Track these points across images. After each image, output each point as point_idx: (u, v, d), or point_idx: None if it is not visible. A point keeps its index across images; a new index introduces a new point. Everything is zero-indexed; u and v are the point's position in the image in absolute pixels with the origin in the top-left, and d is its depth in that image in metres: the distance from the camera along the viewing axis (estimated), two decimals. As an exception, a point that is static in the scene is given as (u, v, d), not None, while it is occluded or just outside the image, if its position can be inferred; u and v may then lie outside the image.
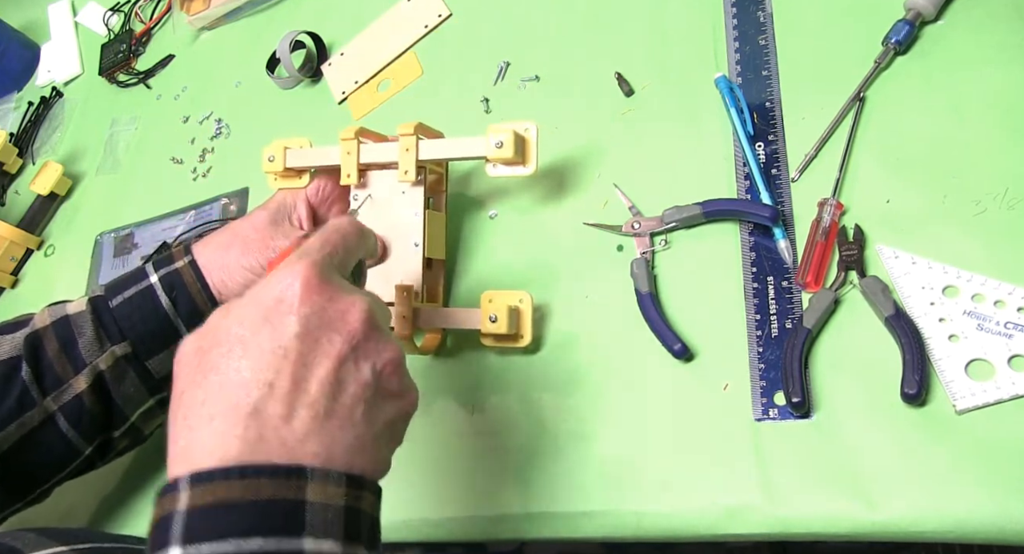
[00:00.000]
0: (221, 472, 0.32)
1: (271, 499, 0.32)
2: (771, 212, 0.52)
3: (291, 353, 0.34)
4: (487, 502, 0.53)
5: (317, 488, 0.33)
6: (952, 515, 0.42)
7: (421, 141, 0.58)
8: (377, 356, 0.37)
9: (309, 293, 0.36)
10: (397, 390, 0.38)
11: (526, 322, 0.55)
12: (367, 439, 0.36)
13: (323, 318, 0.36)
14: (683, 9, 0.65)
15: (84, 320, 0.55)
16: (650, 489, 0.49)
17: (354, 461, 0.35)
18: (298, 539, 0.31)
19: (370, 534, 0.35)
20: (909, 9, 0.55)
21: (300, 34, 0.83)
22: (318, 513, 0.32)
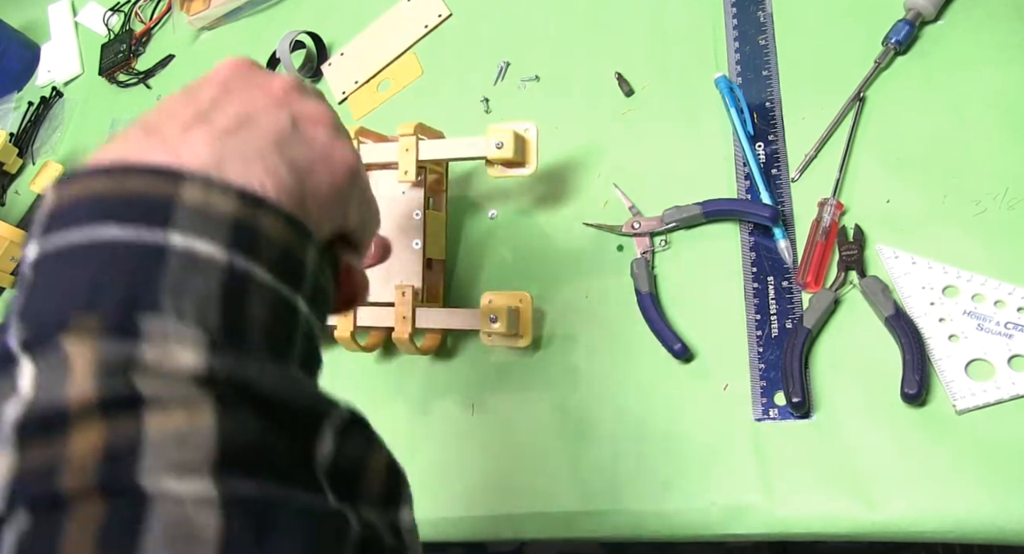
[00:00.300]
0: (88, 171, 0.29)
1: (136, 191, 0.28)
2: (771, 212, 0.52)
3: (203, 97, 0.32)
4: (487, 502, 0.53)
5: (195, 190, 0.28)
6: (952, 515, 0.42)
7: (421, 141, 0.58)
8: (300, 108, 0.35)
9: (235, 64, 0.35)
10: (321, 141, 0.34)
11: (526, 322, 0.55)
12: (276, 166, 0.31)
13: (245, 78, 0.34)
14: (683, 9, 0.65)
15: None
16: (650, 489, 0.49)
17: (253, 180, 0.30)
18: (161, 231, 0.27)
19: (282, 262, 0.30)
20: (909, 9, 0.55)
21: (300, 34, 0.83)
22: (192, 213, 0.28)
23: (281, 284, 0.29)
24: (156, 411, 0.24)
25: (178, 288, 0.26)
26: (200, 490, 0.23)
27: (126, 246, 0.27)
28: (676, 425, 0.50)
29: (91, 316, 0.25)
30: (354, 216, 0.37)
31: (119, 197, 0.28)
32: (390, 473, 0.31)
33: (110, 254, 0.27)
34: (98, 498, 0.23)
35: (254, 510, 0.24)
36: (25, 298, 0.27)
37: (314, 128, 0.35)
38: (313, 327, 0.32)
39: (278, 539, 0.24)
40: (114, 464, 0.23)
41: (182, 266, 0.27)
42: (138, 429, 0.24)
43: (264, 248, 0.29)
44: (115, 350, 0.25)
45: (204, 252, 0.27)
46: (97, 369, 0.24)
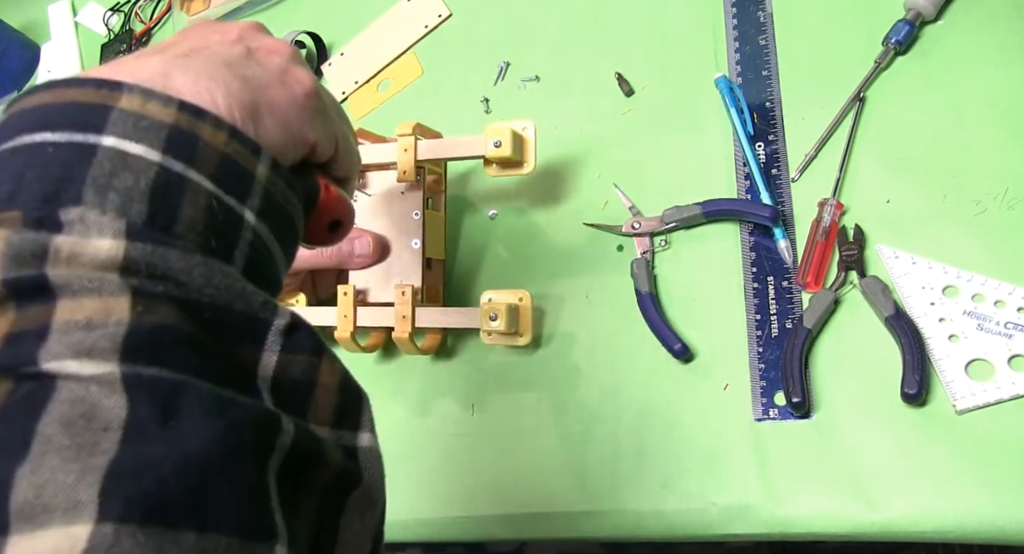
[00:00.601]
0: (36, 87, 0.28)
1: (72, 100, 0.27)
2: (771, 212, 0.52)
3: (163, 42, 0.34)
4: (487, 502, 0.53)
5: (133, 100, 0.28)
6: (952, 515, 0.42)
7: (419, 141, 0.57)
8: (256, 41, 0.35)
9: (202, 22, 0.36)
10: (276, 68, 0.34)
11: (526, 320, 0.55)
12: (225, 82, 0.31)
13: (204, 26, 0.35)
14: (683, 9, 0.65)
15: None
16: (650, 489, 0.49)
17: (199, 95, 0.29)
18: (95, 135, 0.27)
19: (222, 170, 0.29)
20: (909, 9, 0.55)
21: (300, 34, 0.83)
22: (128, 118, 0.27)
23: (222, 192, 0.28)
24: (66, 298, 0.24)
25: (103, 183, 0.26)
26: (103, 372, 0.23)
27: (55, 145, 0.26)
28: (676, 425, 0.50)
29: (12, 210, 0.25)
30: (321, 138, 0.36)
31: (57, 105, 0.27)
32: (344, 391, 0.29)
33: (38, 153, 0.26)
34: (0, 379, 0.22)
35: (160, 393, 0.23)
36: None
37: (268, 56, 0.35)
38: (266, 242, 0.31)
39: (180, 427, 0.23)
40: (18, 346, 0.23)
41: (110, 162, 0.26)
42: (47, 314, 0.23)
43: (204, 156, 0.28)
44: (29, 240, 0.24)
45: (135, 152, 0.27)
46: (9, 257, 0.24)
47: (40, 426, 0.21)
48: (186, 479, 0.22)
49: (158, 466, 0.21)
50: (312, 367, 0.28)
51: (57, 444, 0.21)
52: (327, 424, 0.28)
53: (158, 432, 0.22)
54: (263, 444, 0.24)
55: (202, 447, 0.22)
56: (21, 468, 0.21)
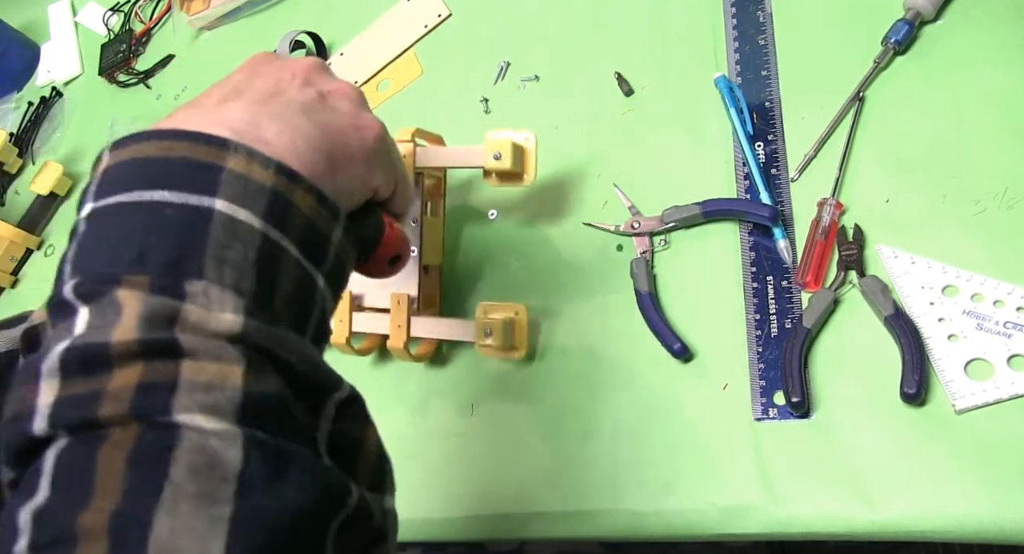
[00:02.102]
0: (139, 135, 0.31)
1: (185, 157, 0.30)
2: (771, 212, 0.52)
3: (235, 78, 0.36)
4: (487, 502, 0.53)
5: (239, 160, 0.30)
6: (952, 515, 0.42)
7: (419, 148, 0.57)
8: (325, 84, 0.37)
9: (263, 55, 0.38)
10: (347, 113, 0.37)
11: (521, 335, 0.55)
12: (307, 133, 0.34)
13: (271, 63, 0.37)
14: (683, 9, 0.65)
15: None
16: (650, 489, 0.49)
17: (287, 150, 0.32)
18: (209, 198, 0.29)
19: (306, 237, 0.32)
20: (908, 9, 0.55)
21: (300, 34, 0.83)
22: (236, 181, 0.30)
23: (306, 260, 0.32)
24: (191, 360, 0.26)
25: (220, 255, 0.29)
26: (224, 429, 0.25)
27: (174, 208, 0.29)
28: (676, 425, 0.50)
29: (142, 274, 0.28)
30: (386, 180, 0.39)
31: (168, 161, 0.30)
32: (381, 458, 0.32)
33: (159, 215, 0.29)
34: (132, 425, 0.25)
35: (271, 454, 0.26)
36: (76, 251, 0.29)
37: (339, 100, 0.37)
38: (326, 303, 0.34)
39: (287, 486, 0.26)
40: (149, 397, 0.25)
41: (224, 230, 0.29)
42: (174, 372, 0.26)
43: (294, 223, 0.31)
44: (162, 305, 0.27)
45: (243, 219, 0.30)
46: (144, 319, 0.27)
47: (172, 472, 0.24)
48: (290, 532, 0.25)
49: (271, 520, 0.25)
50: (360, 435, 0.31)
51: (186, 491, 0.24)
52: (367, 486, 0.30)
53: (269, 487, 0.25)
54: (341, 503, 0.28)
55: (303, 504, 0.26)
56: (157, 510, 0.23)
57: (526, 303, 0.56)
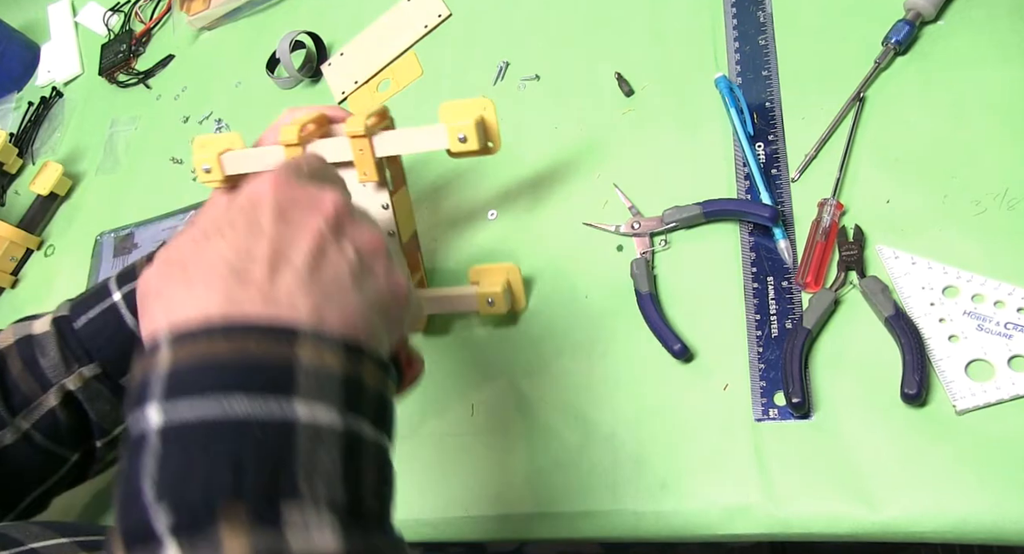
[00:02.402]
0: (204, 330, 0.30)
1: (258, 356, 0.30)
2: (771, 212, 0.52)
3: (268, 230, 0.34)
4: (487, 502, 0.53)
5: (309, 349, 0.31)
6: (952, 515, 0.42)
7: (375, 137, 0.52)
8: (358, 237, 0.36)
9: (279, 186, 0.36)
10: (383, 273, 0.37)
11: (519, 293, 0.57)
12: (360, 307, 0.34)
13: (296, 203, 0.36)
14: (683, 9, 0.65)
15: (48, 341, 0.54)
16: (650, 489, 0.49)
17: (348, 326, 0.32)
18: (287, 399, 0.29)
19: (378, 410, 0.33)
20: (909, 9, 0.55)
21: (300, 34, 0.83)
22: (311, 376, 0.30)
23: (378, 433, 0.33)
24: None
25: (309, 468, 0.29)
26: None
27: (260, 425, 0.29)
28: (676, 425, 0.50)
29: (238, 504, 0.27)
30: (410, 324, 0.40)
31: (241, 363, 0.30)
32: None
33: (246, 434, 0.29)
34: None
35: None
36: (159, 472, 0.28)
37: (374, 259, 0.37)
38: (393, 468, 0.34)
39: None
40: None
41: (310, 440, 0.29)
42: None
43: (368, 401, 0.32)
44: (265, 541, 0.27)
45: (325, 422, 0.30)
46: None
47: None
48: None
49: None
50: None
51: None
52: None
53: None
54: None
55: None
56: None
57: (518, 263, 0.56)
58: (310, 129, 0.53)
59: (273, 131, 0.55)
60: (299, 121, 0.52)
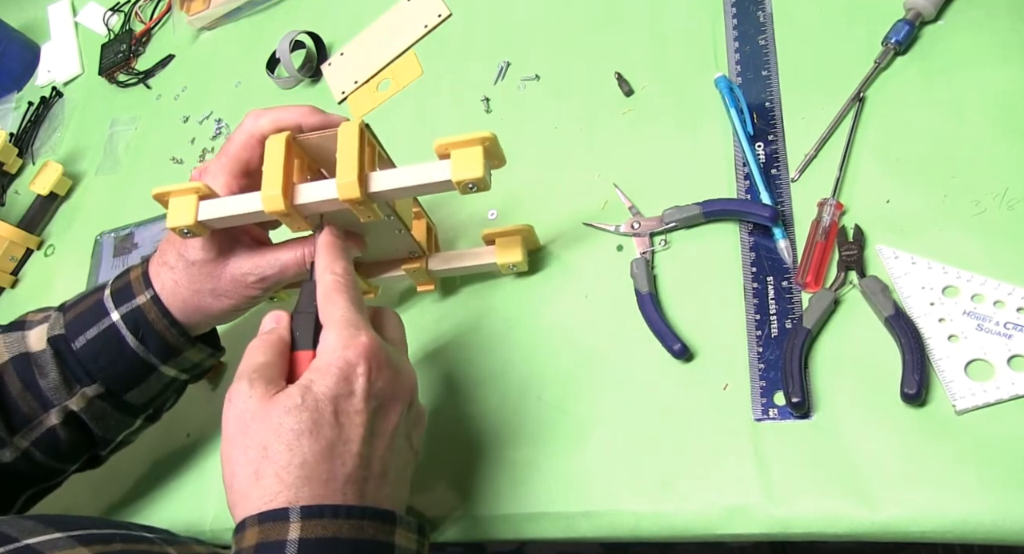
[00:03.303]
0: (331, 509, 0.37)
1: (371, 540, 0.38)
2: (771, 212, 0.52)
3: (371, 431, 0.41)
4: (487, 502, 0.53)
5: (402, 533, 0.39)
6: (952, 515, 0.42)
7: (372, 175, 0.47)
8: (414, 427, 0.46)
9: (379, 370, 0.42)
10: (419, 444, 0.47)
11: (534, 241, 0.59)
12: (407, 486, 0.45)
13: (387, 391, 0.43)
14: (683, 9, 0.65)
15: (46, 361, 0.53)
16: (650, 489, 0.49)
17: (406, 505, 0.43)
18: None
19: None
20: (909, 9, 0.55)
21: (300, 34, 0.83)
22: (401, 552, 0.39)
23: None
24: None
25: None
26: None
27: None
28: (676, 425, 0.50)
29: None
30: None
31: (357, 543, 0.38)
32: None
33: None
34: None
35: None
36: None
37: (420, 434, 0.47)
38: None
39: None
40: None
41: None
42: None
43: None
44: None
45: None
46: None
47: None
48: None
49: None
50: None
51: None
52: None
53: None
54: None
55: None
56: None
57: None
58: (295, 184, 0.48)
59: (243, 133, 0.52)
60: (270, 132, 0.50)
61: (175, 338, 0.54)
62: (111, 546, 0.43)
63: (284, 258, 0.53)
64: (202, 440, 0.66)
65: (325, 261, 0.47)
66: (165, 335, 0.54)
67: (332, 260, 0.47)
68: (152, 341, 0.54)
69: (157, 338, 0.54)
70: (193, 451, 0.66)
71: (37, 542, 0.41)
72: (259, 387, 0.41)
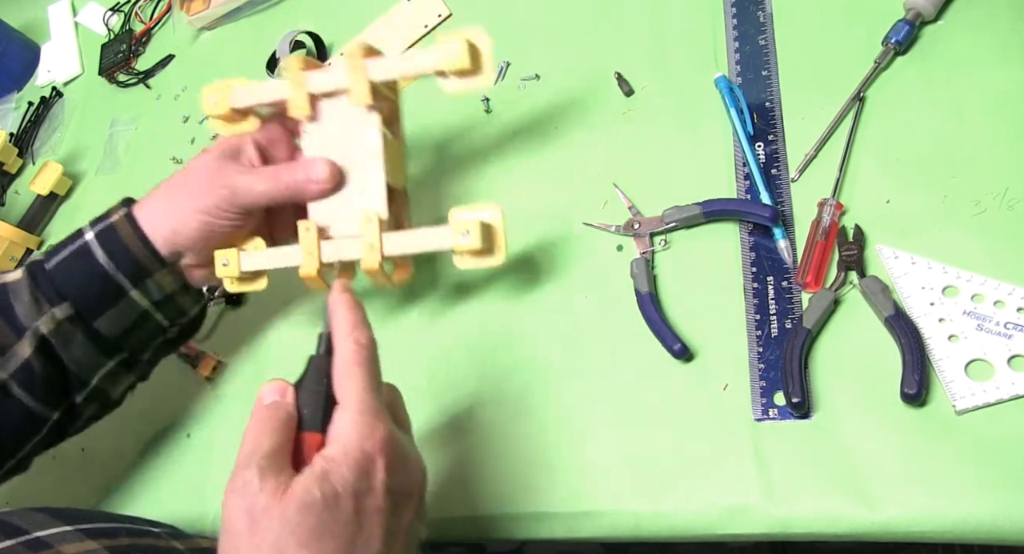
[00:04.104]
0: None
1: None
2: (771, 212, 0.52)
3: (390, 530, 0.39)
4: (487, 502, 0.53)
5: None
6: (952, 515, 0.42)
7: (370, 60, 0.53)
8: (421, 521, 0.43)
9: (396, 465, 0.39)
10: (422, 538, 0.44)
11: (499, 236, 0.53)
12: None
13: (404, 487, 0.40)
14: (683, 9, 0.65)
15: (21, 286, 0.54)
16: (650, 489, 0.49)
17: None
18: None
19: None
20: (909, 9, 0.55)
21: (300, 34, 0.83)
22: None
23: None
24: None
25: None
26: None
27: None
28: (676, 425, 0.50)
29: None
30: None
31: None
32: None
33: None
34: None
35: None
36: None
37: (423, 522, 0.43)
38: None
39: None
40: None
41: None
42: None
43: None
44: None
45: None
46: None
47: None
48: None
49: None
50: None
51: None
52: None
53: None
54: None
55: None
56: None
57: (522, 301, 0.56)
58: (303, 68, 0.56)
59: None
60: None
61: (146, 257, 0.55)
62: (118, 540, 0.43)
63: (259, 188, 0.55)
64: (203, 440, 0.66)
65: (347, 324, 0.42)
66: (135, 251, 0.54)
67: (355, 325, 0.42)
68: (122, 258, 0.54)
69: (127, 254, 0.54)
70: (194, 451, 0.66)
71: (47, 535, 0.41)
72: (270, 479, 0.36)
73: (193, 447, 0.66)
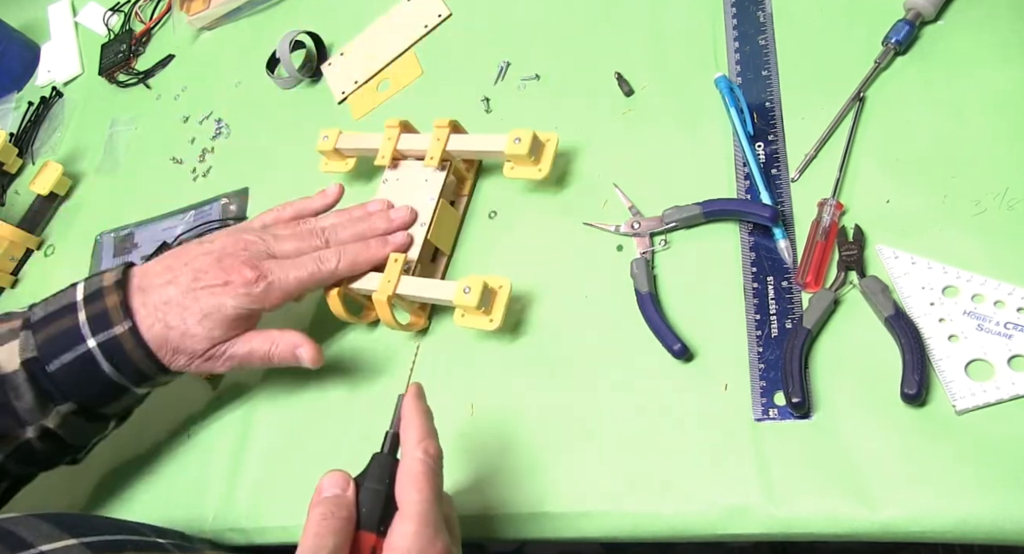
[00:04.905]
0: None
1: None
2: (771, 212, 0.52)
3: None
4: (487, 502, 0.53)
5: None
6: (952, 515, 0.42)
7: (454, 134, 0.62)
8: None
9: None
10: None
11: (500, 304, 0.56)
12: None
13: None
14: (683, 9, 0.65)
15: (20, 383, 0.53)
16: (650, 489, 0.49)
17: None
18: None
19: None
20: (909, 9, 0.55)
21: (300, 34, 0.83)
22: None
23: None
24: None
25: None
26: None
27: None
28: (676, 425, 0.50)
29: None
30: None
31: None
32: None
33: None
34: None
35: None
36: None
37: None
38: None
39: None
40: None
41: None
42: None
43: None
44: None
45: None
46: None
47: None
48: None
49: None
50: None
51: None
52: None
53: None
54: None
55: None
56: None
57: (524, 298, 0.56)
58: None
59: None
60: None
61: (150, 368, 0.55)
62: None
63: (254, 344, 0.57)
64: (203, 440, 0.66)
65: (417, 435, 0.42)
66: (140, 365, 0.55)
67: (425, 436, 0.42)
68: (127, 369, 0.55)
69: (132, 367, 0.55)
70: (194, 451, 0.66)
71: (51, 549, 0.41)
72: None
73: (193, 447, 0.66)
